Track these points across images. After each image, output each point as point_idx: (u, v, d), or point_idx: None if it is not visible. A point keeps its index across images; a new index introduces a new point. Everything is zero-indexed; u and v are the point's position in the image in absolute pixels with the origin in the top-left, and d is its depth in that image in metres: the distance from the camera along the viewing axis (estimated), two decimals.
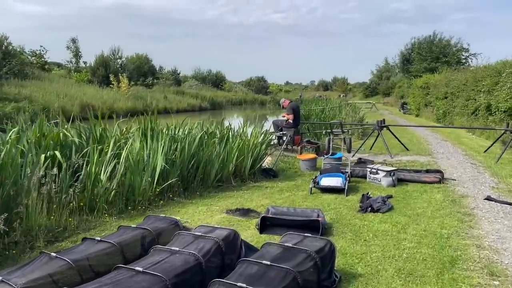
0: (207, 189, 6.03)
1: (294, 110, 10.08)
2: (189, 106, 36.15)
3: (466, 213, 4.98)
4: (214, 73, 70.33)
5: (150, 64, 61.12)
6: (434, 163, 8.55)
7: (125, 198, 4.95)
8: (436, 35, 35.48)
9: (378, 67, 71.46)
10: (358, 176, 7.14)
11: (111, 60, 34.97)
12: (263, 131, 7.67)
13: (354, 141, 12.53)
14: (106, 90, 28.75)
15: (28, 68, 28.33)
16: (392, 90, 52.05)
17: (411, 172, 7.02)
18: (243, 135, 7.28)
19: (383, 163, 7.32)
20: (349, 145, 7.18)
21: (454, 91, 17.89)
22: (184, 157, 5.68)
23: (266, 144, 7.49)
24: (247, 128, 7.57)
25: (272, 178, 7.20)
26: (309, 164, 7.89)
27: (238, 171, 6.74)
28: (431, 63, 30.54)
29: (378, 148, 10.73)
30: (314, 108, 15.85)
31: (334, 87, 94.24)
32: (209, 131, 7.14)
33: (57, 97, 21.52)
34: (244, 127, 7.51)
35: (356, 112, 14.44)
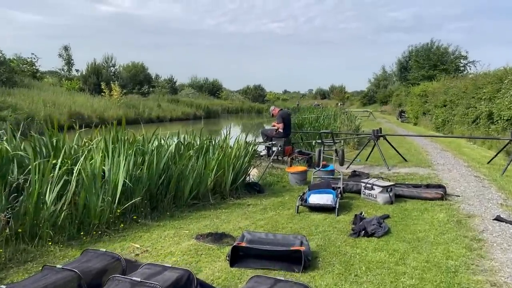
0: (180, 208, 5.33)
1: (284, 119, 9.43)
2: (184, 115, 35.50)
3: (475, 238, 4.30)
4: (211, 82, 69.91)
5: (146, 73, 60.73)
6: (435, 176, 7.88)
7: (78, 222, 4.25)
8: (433, 42, 35.03)
9: (375, 76, 71.07)
10: (352, 191, 6.47)
11: (104, 68, 34.34)
12: (249, 141, 6.98)
13: (350, 151, 11.89)
14: (97, 98, 28.08)
15: (17, 76, 27.66)
16: (389, 98, 51.52)
17: (410, 187, 6.34)
18: (225, 146, 6.59)
19: (379, 177, 6.63)
20: (341, 157, 6.50)
21: (454, 99, 17.28)
22: (153, 172, 4.99)
23: (250, 156, 6.80)
24: (229, 138, 6.87)
25: (257, 193, 6.52)
26: (299, 178, 7.21)
27: (218, 187, 6.05)
28: (429, 70, 30.01)
29: (374, 159, 10.08)
30: (308, 116, 15.23)
31: (331, 96, 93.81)
32: (186, 141, 6.47)
33: (44, 106, 20.82)
34: (226, 137, 6.82)
35: (352, 121, 13.79)
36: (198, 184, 5.55)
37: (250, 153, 6.64)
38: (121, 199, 4.60)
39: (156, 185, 5.07)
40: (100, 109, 25.12)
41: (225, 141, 6.67)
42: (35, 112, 19.16)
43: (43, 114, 19.41)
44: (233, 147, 6.48)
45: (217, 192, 6.01)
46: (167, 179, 5.19)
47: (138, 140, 5.64)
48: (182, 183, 5.33)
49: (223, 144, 6.57)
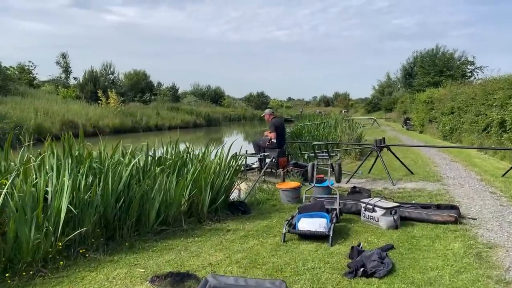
0: (144, 237, 4.48)
1: (277, 128, 8.60)
2: (183, 123, 34.74)
3: (500, 280, 3.43)
4: (213, 89, 69.30)
5: (148, 80, 60.30)
6: (445, 193, 7.00)
7: (6, 259, 3.43)
8: (439, 48, 34.21)
9: (380, 83, 70.35)
10: (351, 211, 5.61)
11: (102, 76, 33.73)
12: (235, 154, 6.13)
13: (351, 162, 11.02)
14: (93, 106, 27.40)
15: (13, 84, 27.07)
16: (394, 105, 50.65)
17: (418, 208, 5.46)
18: (206, 160, 5.76)
19: (381, 196, 5.75)
20: (338, 173, 5.63)
21: (462, 105, 16.39)
22: (108, 195, 4.16)
23: (234, 171, 5.96)
24: (210, 150, 6.03)
25: (242, 215, 5.67)
26: (291, 195, 6.36)
27: (195, 208, 5.21)
28: (435, 76, 29.13)
29: (378, 171, 9.22)
30: (307, 124, 14.40)
31: (335, 103, 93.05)
32: (161, 154, 5.64)
33: (35, 114, 20.12)
34: (206, 149, 5.98)
35: (353, 129, 12.95)
36: (167, 206, 4.71)
37: (233, 168, 5.79)
38: (65, 229, 3.78)
39: (113, 209, 4.24)
40: (95, 118, 24.42)
41: (205, 154, 5.83)
42: (24, 121, 18.43)
43: (33, 122, 18.70)
44: (213, 161, 5.64)
45: (193, 214, 5.17)
46: (128, 202, 4.35)
47: (93, 156, 4.80)
48: (147, 206, 4.50)
49: (202, 157, 5.73)
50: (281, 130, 8.68)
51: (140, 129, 28.08)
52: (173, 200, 4.72)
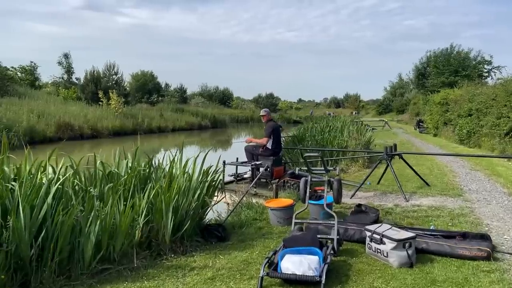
0: (76, 280, 3.41)
1: (274, 132, 7.51)
2: (187, 125, 33.79)
3: None
4: (221, 90, 68.42)
5: (155, 81, 59.64)
6: (470, 212, 5.82)
7: None
8: (453, 47, 32.71)
9: (391, 84, 68.73)
10: (353, 239, 4.50)
11: (105, 76, 32.91)
12: (209, 167, 5.02)
13: (359, 171, 9.86)
14: (93, 107, 26.54)
15: (12, 85, 26.36)
16: (406, 107, 49.19)
17: (438, 237, 4.31)
18: (173, 174, 4.67)
19: (392, 224, 4.56)
20: (337, 192, 4.47)
21: (481, 107, 15.09)
22: (20, 228, 3.09)
23: (209, 188, 4.86)
24: (181, 159, 4.92)
25: (217, 242, 4.58)
26: (282, 215, 5.24)
27: (154, 237, 4.13)
28: (450, 77, 27.69)
29: (388, 182, 8.08)
30: (312, 126, 13.26)
31: (346, 104, 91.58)
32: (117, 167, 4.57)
33: (28, 116, 19.27)
34: (175, 158, 4.87)
35: (362, 133, 11.78)
36: (111, 239, 3.63)
37: (206, 184, 4.68)
38: None
39: (31, 247, 3.17)
40: (94, 120, 23.53)
41: (172, 167, 4.73)
42: (17, 123, 17.59)
43: (25, 124, 17.84)
44: (182, 176, 4.54)
45: (151, 246, 4.08)
46: (51, 235, 3.28)
47: (6, 173, 3.70)
48: (82, 240, 3.42)
49: (169, 171, 4.63)
50: (277, 136, 7.59)
51: (141, 131, 27.14)
52: (120, 230, 3.64)
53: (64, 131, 20.53)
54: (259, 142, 7.62)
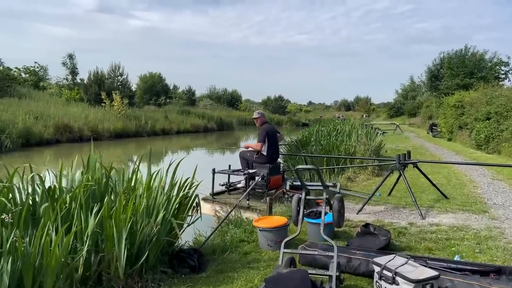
0: None
1: (269, 136, 6.63)
2: (193, 127, 33.02)
3: None
4: (230, 92, 67.68)
5: (164, 83, 59.14)
6: (499, 234, 4.87)
7: None
8: (468, 49, 31.52)
9: (403, 86, 67.33)
10: (358, 272, 3.61)
11: (110, 77, 32.30)
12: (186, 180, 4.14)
13: (368, 179, 8.92)
14: (95, 109, 25.87)
15: (13, 85, 25.85)
16: (418, 110, 47.87)
17: (467, 274, 3.38)
18: (133, 190, 3.80)
19: (409, 256, 3.57)
20: (337, 214, 3.50)
21: (501, 110, 14.04)
22: None
23: (180, 206, 3.98)
24: (149, 169, 4.04)
25: (189, 273, 3.71)
26: (273, 237, 4.35)
27: (106, 270, 3.27)
28: (464, 79, 26.54)
29: (400, 192, 7.17)
30: (317, 129, 12.33)
31: (356, 107, 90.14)
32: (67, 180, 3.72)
33: (27, 117, 18.63)
34: (134, 172, 4.00)
35: (371, 138, 10.81)
36: (39, 275, 2.78)
37: (175, 201, 3.79)
38: None
39: None
40: (95, 121, 22.83)
41: (132, 179, 3.86)
42: (12, 124, 16.93)
43: (20, 126, 17.17)
44: (137, 192, 3.67)
45: (101, 281, 3.23)
46: None
47: None
48: None
49: (128, 184, 3.77)
50: (273, 140, 6.70)
51: (144, 133, 26.47)
52: (49, 264, 2.78)
53: (63, 133, 19.86)
54: (253, 147, 6.76)
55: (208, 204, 6.62)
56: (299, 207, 3.59)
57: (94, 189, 3.61)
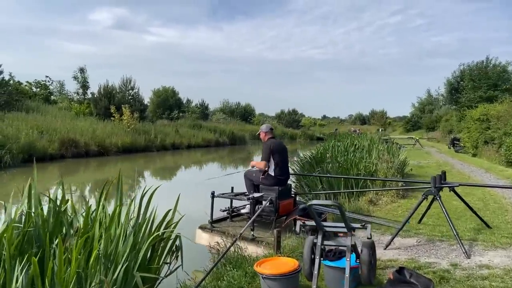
0: None
1: (275, 152, 5.65)
2: (204, 141, 32.20)
3: None
4: (243, 106, 67.05)
5: (177, 97, 58.82)
6: None
7: None
8: (489, 60, 30.26)
9: (420, 100, 65.85)
10: None
11: (121, 91, 31.81)
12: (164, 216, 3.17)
13: (392, 202, 7.82)
14: (103, 123, 25.26)
15: (22, 100, 25.47)
16: (437, 124, 46.37)
17: None
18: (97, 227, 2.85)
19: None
20: (367, 267, 2.48)
21: None
22: None
23: (153, 249, 3.01)
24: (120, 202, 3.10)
25: None
26: (278, 287, 3.35)
27: None
28: (488, 91, 25.24)
29: (432, 220, 6.16)
30: (333, 144, 11.30)
31: (372, 121, 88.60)
32: None
33: (30, 131, 17.99)
34: (99, 201, 3.05)
35: (394, 154, 9.72)
36: None
37: (146, 246, 2.82)
38: None
39: None
40: (103, 136, 22.15)
41: (90, 217, 2.91)
42: (15, 139, 16.29)
43: (22, 141, 16.52)
44: (82, 236, 2.72)
45: None
46: None
47: None
48: None
49: (85, 224, 2.81)
50: (281, 158, 5.71)
51: (154, 148, 25.72)
52: None
53: (68, 148, 19.17)
54: (258, 166, 5.80)
55: (206, 233, 5.65)
56: (314, 255, 2.59)
57: (38, 230, 2.68)
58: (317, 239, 2.58)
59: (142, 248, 2.75)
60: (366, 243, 2.57)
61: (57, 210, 2.86)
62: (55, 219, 2.81)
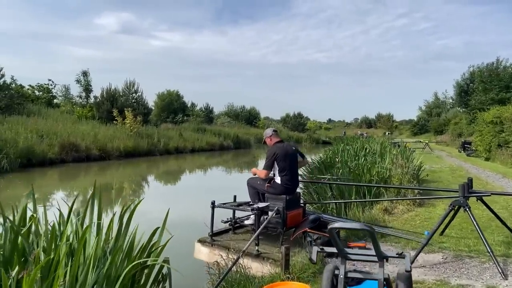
0: None
1: (279, 158, 5.08)
2: (208, 145, 31.67)
3: None
4: (248, 110, 66.56)
5: (181, 101, 58.43)
6: None
7: None
8: (500, 62, 29.57)
9: (427, 103, 65.13)
10: None
11: (124, 94, 31.39)
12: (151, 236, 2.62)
13: (409, 210, 7.22)
14: (105, 127, 24.81)
15: (25, 103, 25.11)
16: (445, 127, 45.59)
17: None
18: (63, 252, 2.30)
19: None
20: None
21: None
22: None
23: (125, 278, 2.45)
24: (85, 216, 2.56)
25: None
26: None
27: None
28: (500, 93, 24.52)
29: (455, 231, 5.58)
30: (344, 148, 10.71)
31: (378, 124, 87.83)
32: None
33: (29, 135, 17.55)
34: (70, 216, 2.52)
35: (408, 158, 9.11)
36: None
37: (124, 272, 2.27)
38: None
39: None
40: (104, 140, 21.68)
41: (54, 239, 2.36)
42: (13, 143, 15.84)
43: (21, 145, 16.06)
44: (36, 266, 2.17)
45: None
46: None
47: None
48: None
49: (49, 247, 2.26)
50: (289, 163, 5.14)
51: (157, 152, 25.22)
52: None
53: (68, 152, 18.70)
54: (258, 174, 5.24)
55: (205, 247, 5.08)
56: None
57: None
58: (338, 270, 2.03)
59: (119, 279, 2.20)
60: (404, 276, 2.01)
61: (16, 231, 2.31)
62: (12, 243, 2.26)
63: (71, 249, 2.40)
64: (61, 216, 2.64)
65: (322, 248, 2.19)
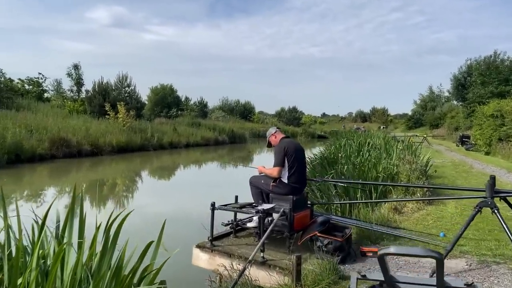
0: None
1: (289, 155, 4.62)
2: (203, 140, 31.15)
3: None
4: (242, 104, 65.98)
5: (175, 95, 57.71)
6: None
7: None
8: (497, 54, 29.24)
9: (421, 97, 64.87)
10: None
11: (117, 88, 30.71)
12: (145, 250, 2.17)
13: (419, 209, 6.80)
14: (97, 121, 24.20)
15: (14, 97, 24.41)
16: (441, 120, 45.35)
17: None
18: None
19: None
20: None
21: None
22: None
23: None
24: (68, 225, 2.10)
25: None
26: None
27: None
28: (499, 86, 24.19)
29: (473, 231, 5.18)
30: (346, 143, 10.28)
31: (373, 118, 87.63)
32: None
33: (17, 130, 16.94)
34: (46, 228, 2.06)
35: (415, 154, 8.67)
36: None
37: None
38: None
39: None
40: (96, 135, 21.11)
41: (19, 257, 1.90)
42: (0, 138, 15.26)
43: (9, 141, 15.48)
44: None
45: None
46: None
47: None
48: None
49: (14, 265, 1.80)
50: (297, 161, 4.68)
51: (150, 147, 24.67)
52: None
53: (59, 147, 18.11)
54: (268, 173, 4.76)
55: (205, 254, 4.62)
56: None
57: None
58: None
59: None
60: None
61: None
62: None
63: (45, 271, 1.93)
64: (33, 229, 2.17)
65: (364, 275, 1.74)
